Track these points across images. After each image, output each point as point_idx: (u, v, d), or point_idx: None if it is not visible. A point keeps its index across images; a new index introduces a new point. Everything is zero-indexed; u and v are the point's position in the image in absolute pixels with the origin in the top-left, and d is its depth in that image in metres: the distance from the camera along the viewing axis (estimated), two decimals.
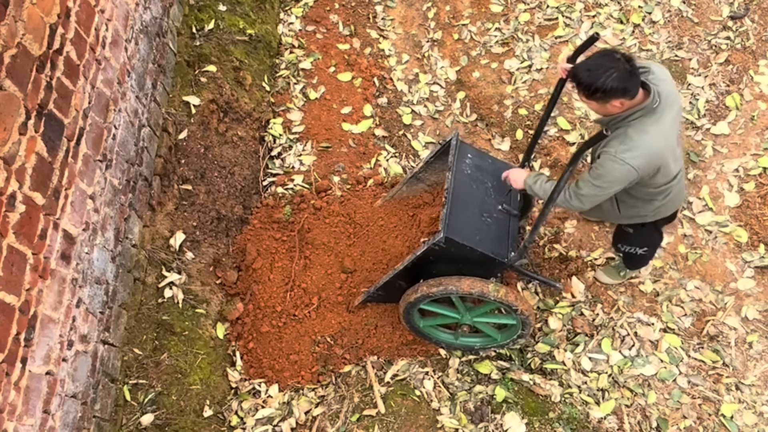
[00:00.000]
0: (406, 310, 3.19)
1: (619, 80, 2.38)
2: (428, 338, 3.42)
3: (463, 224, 3.01)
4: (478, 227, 3.06)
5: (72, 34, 2.53)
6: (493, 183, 3.26)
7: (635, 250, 3.33)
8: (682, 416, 3.24)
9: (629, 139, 2.53)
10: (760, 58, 4.38)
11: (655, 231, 3.24)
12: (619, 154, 2.53)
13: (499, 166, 3.36)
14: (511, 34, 4.81)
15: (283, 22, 4.87)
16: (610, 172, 2.57)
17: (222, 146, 3.85)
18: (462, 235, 2.94)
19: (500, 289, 2.93)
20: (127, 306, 3.06)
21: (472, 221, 3.07)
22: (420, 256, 3.02)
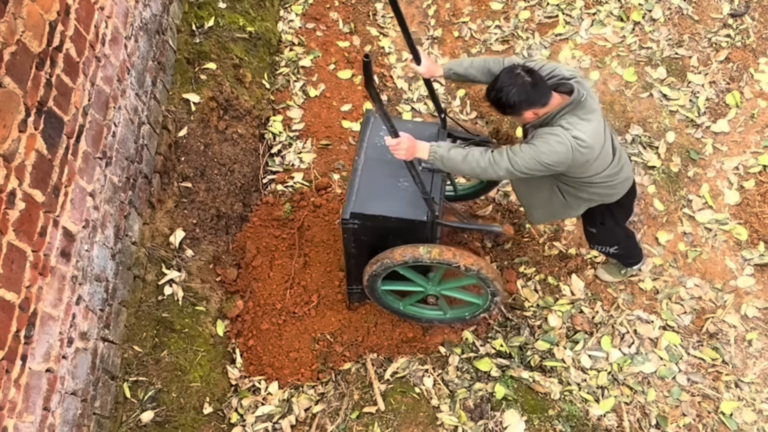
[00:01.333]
0: (373, 297, 3.18)
1: (519, 94, 2.51)
2: (420, 320, 3.40)
3: (374, 196, 2.93)
4: (392, 195, 2.94)
5: (72, 32, 2.53)
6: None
7: (607, 250, 3.38)
8: (681, 414, 3.24)
9: (569, 124, 2.59)
10: (760, 55, 4.38)
11: (616, 226, 3.25)
12: (562, 134, 2.57)
13: (420, 127, 3.23)
14: (511, 31, 4.81)
15: (283, 20, 4.87)
16: (555, 148, 2.58)
17: (222, 144, 3.85)
18: (370, 207, 2.86)
19: (432, 250, 2.84)
20: (127, 303, 3.06)
21: (386, 190, 2.96)
22: (351, 240, 3.01)
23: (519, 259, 3.85)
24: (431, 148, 2.71)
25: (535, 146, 2.60)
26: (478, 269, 2.92)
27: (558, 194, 3.00)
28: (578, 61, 4.54)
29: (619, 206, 3.10)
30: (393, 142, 2.64)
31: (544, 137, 2.59)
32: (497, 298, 3.18)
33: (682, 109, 4.28)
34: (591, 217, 3.20)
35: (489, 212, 4.03)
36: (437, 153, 2.70)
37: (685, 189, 4.02)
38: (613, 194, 2.99)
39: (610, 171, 2.83)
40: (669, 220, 3.93)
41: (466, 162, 2.69)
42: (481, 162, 2.67)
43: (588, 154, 2.63)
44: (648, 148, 4.15)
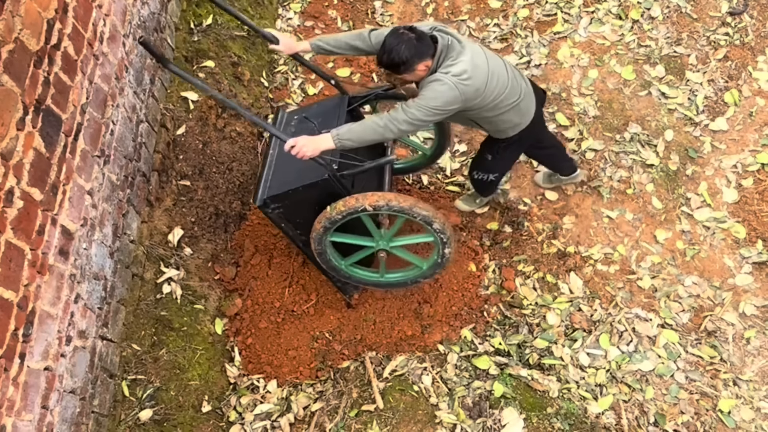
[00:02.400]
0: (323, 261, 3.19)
1: (409, 49, 2.70)
2: (356, 281, 3.36)
3: (281, 176, 3.06)
4: (297, 168, 3.03)
5: (70, 30, 2.53)
6: (319, 120, 3.15)
7: (487, 177, 3.53)
8: (679, 411, 3.25)
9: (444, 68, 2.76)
10: (758, 54, 4.38)
11: (511, 157, 3.48)
12: (444, 77, 2.73)
13: (324, 105, 3.34)
14: (509, 29, 4.81)
15: (281, 18, 4.86)
16: (441, 93, 2.73)
17: (220, 142, 3.84)
18: (278, 188, 2.98)
19: (337, 205, 2.87)
20: (126, 302, 3.06)
21: (292, 167, 3.06)
22: (284, 226, 3.11)
23: (517, 257, 3.85)
24: (333, 135, 2.78)
25: (423, 96, 2.75)
26: (424, 213, 2.91)
27: (475, 126, 3.20)
28: (577, 59, 4.54)
29: (520, 144, 3.32)
30: (290, 146, 2.78)
31: (428, 86, 2.76)
32: (446, 250, 3.13)
33: (680, 108, 4.28)
34: (494, 144, 3.34)
35: (487, 211, 4.03)
36: (340, 137, 2.78)
37: (684, 187, 4.02)
38: (525, 116, 3.15)
39: (510, 92, 2.99)
40: (667, 218, 3.94)
41: (369, 130, 2.79)
42: (381, 123, 2.78)
43: (474, 84, 2.78)
44: (646, 146, 4.16)
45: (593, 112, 4.31)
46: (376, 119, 2.79)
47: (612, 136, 4.22)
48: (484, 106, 2.94)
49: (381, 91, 3.33)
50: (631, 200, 4.01)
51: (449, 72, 2.74)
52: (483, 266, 3.79)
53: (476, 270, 3.76)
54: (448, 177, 4.21)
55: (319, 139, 2.77)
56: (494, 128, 3.17)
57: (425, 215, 2.93)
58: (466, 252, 3.82)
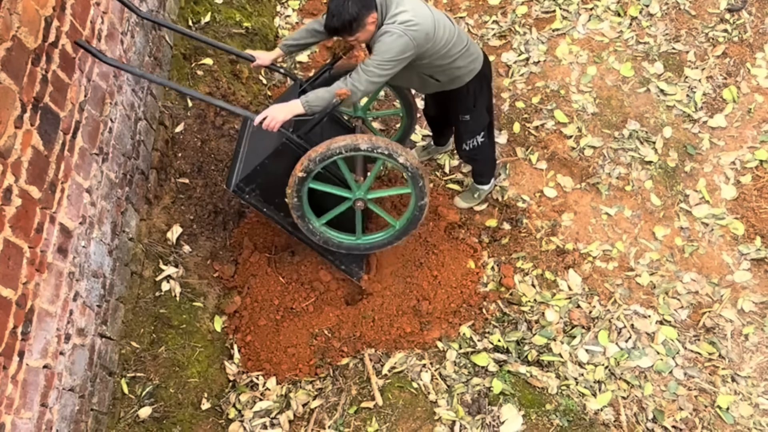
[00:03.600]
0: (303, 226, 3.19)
1: (355, 3, 2.75)
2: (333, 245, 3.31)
3: (249, 159, 3.13)
4: (261, 146, 3.11)
5: (67, 27, 2.52)
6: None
7: (476, 140, 3.55)
8: (678, 408, 3.26)
9: (390, 19, 2.84)
10: (757, 50, 4.38)
11: (483, 109, 3.48)
12: (392, 28, 2.81)
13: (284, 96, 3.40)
14: (508, 26, 4.80)
15: (279, 15, 4.86)
16: (393, 45, 2.81)
17: (219, 140, 3.84)
18: (246, 168, 3.05)
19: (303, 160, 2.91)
20: (125, 299, 3.06)
21: (257, 148, 3.14)
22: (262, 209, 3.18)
23: (516, 255, 3.85)
24: (301, 100, 2.87)
25: (376, 50, 2.83)
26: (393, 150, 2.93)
27: (429, 80, 3.24)
28: (575, 56, 4.54)
29: (480, 86, 3.35)
30: (261, 119, 2.86)
31: (379, 41, 2.83)
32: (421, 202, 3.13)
33: (679, 104, 4.28)
34: (464, 102, 3.37)
35: (485, 208, 4.03)
36: (308, 101, 2.87)
37: (682, 184, 4.03)
38: (476, 61, 3.24)
39: (457, 39, 3.09)
40: (666, 215, 3.94)
41: (332, 93, 2.88)
42: (344, 86, 2.87)
43: (423, 28, 2.85)
44: (645, 143, 4.16)
45: (592, 109, 4.31)
46: (339, 83, 2.89)
47: (610, 133, 4.22)
48: (436, 53, 3.02)
49: (328, 66, 3.35)
50: (630, 197, 4.01)
51: (395, 21, 2.82)
52: (482, 263, 3.80)
53: (475, 267, 3.76)
54: (447, 174, 4.21)
55: (288, 106, 2.88)
56: (450, 77, 3.22)
57: (394, 151, 2.95)
58: (464, 249, 3.82)
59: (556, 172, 4.15)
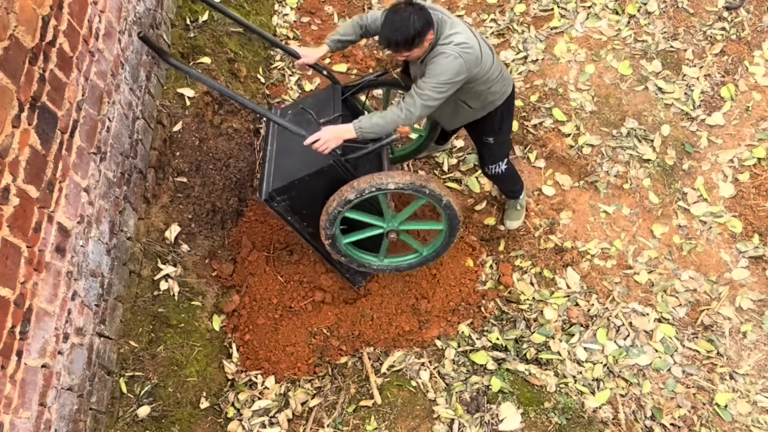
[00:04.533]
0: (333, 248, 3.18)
1: (419, 19, 2.70)
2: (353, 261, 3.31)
3: (284, 168, 3.05)
4: (299, 158, 3.02)
5: (65, 26, 2.52)
6: (316, 111, 3.12)
7: (501, 167, 3.50)
8: (676, 405, 3.26)
9: (445, 39, 2.79)
10: (755, 48, 4.38)
11: (508, 134, 3.45)
12: (447, 49, 2.77)
13: (318, 97, 3.31)
14: (506, 25, 4.80)
15: (277, 14, 4.85)
16: (448, 66, 2.77)
17: (217, 138, 3.84)
18: (283, 179, 2.97)
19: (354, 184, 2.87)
20: (123, 299, 3.06)
21: (293, 158, 3.06)
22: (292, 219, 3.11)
23: (515, 253, 3.85)
24: (354, 126, 2.82)
25: (431, 73, 2.78)
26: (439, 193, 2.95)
27: (464, 106, 3.18)
28: (574, 55, 4.54)
29: (508, 109, 3.32)
30: (312, 141, 2.81)
31: (434, 61, 2.78)
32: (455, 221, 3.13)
33: (677, 102, 4.29)
34: (490, 124, 3.32)
35: (484, 207, 4.03)
36: (362, 129, 2.83)
37: (680, 182, 4.03)
38: (508, 84, 3.23)
39: (496, 64, 3.08)
40: (664, 213, 3.94)
41: (390, 122, 2.83)
42: (400, 114, 2.82)
43: (474, 52, 2.82)
44: (643, 141, 4.16)
45: (590, 107, 4.31)
46: (394, 110, 2.84)
47: (609, 131, 4.23)
48: (480, 78, 2.98)
49: (373, 77, 3.33)
50: (628, 195, 4.02)
51: (451, 42, 2.76)
52: (480, 262, 3.80)
53: (473, 265, 3.76)
54: (445, 173, 4.21)
55: (340, 129, 2.83)
56: (484, 103, 3.17)
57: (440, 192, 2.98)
58: (463, 248, 3.82)
59: (555, 170, 4.15)
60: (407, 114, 2.82)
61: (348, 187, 2.89)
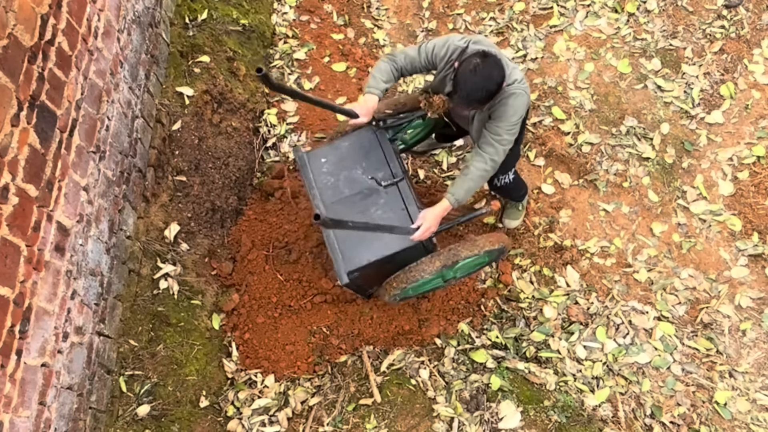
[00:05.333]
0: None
1: (499, 70, 2.63)
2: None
3: (358, 243, 2.86)
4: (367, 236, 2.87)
5: (64, 25, 2.51)
6: (363, 163, 2.94)
7: (508, 177, 3.42)
8: (676, 403, 3.26)
9: (513, 79, 2.77)
10: (754, 47, 4.38)
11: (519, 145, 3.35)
12: (514, 89, 2.76)
13: (357, 138, 3.05)
14: (505, 23, 4.80)
15: (276, 12, 4.85)
16: (519, 105, 2.78)
17: (216, 137, 3.84)
18: (361, 258, 2.84)
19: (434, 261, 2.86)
20: (123, 297, 3.06)
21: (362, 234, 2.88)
22: (359, 289, 3.05)
23: (514, 251, 3.85)
24: (451, 202, 2.86)
25: (503, 116, 2.78)
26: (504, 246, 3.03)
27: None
28: (573, 53, 4.54)
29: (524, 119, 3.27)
30: (420, 234, 2.78)
31: (506, 104, 2.77)
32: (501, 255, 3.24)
33: (676, 101, 4.28)
34: None
35: (483, 205, 4.03)
36: (459, 200, 2.87)
37: (680, 180, 4.03)
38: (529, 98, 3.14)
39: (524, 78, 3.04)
40: (663, 211, 3.94)
41: (479, 179, 2.88)
42: (486, 166, 2.86)
43: (526, 82, 2.85)
44: (642, 139, 4.16)
45: (589, 105, 4.31)
46: (478, 165, 2.86)
47: (608, 129, 4.22)
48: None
49: (415, 116, 3.28)
50: (628, 193, 4.02)
51: (514, 81, 2.75)
52: None
53: None
54: (444, 171, 4.21)
55: (439, 210, 2.84)
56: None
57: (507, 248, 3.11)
58: None
59: (554, 168, 4.15)
60: (492, 164, 2.85)
61: (431, 265, 2.86)
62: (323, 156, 2.98)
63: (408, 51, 2.93)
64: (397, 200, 2.93)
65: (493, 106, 2.79)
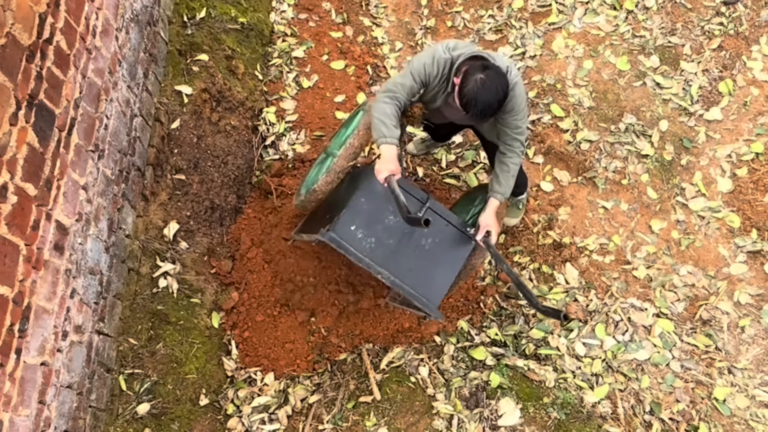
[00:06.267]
0: None
1: (503, 79, 2.64)
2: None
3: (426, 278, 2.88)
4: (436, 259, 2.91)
5: (62, 24, 2.51)
6: (389, 207, 2.84)
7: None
8: (675, 400, 3.27)
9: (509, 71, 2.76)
10: (753, 43, 4.38)
11: None
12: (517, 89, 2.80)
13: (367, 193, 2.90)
14: (504, 20, 4.80)
15: (275, 10, 4.84)
16: (522, 91, 2.84)
17: (215, 135, 3.84)
18: (442, 289, 2.92)
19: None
20: (122, 296, 3.06)
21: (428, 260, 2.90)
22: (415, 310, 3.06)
23: (513, 249, 3.86)
24: (498, 199, 3.00)
25: (516, 108, 2.84)
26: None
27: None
28: (572, 50, 4.54)
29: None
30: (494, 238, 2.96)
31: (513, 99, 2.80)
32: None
33: (675, 98, 4.29)
34: None
35: None
36: (506, 195, 3.02)
37: (678, 177, 4.03)
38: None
39: None
40: (662, 208, 3.95)
41: (515, 174, 2.99)
42: (520, 159, 2.98)
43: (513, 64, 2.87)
44: (641, 136, 4.16)
45: (588, 103, 4.31)
46: (515, 161, 2.97)
47: (607, 126, 4.23)
48: None
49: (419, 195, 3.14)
50: (626, 190, 4.02)
51: (512, 72, 2.78)
52: None
53: None
54: (444, 169, 4.21)
55: (494, 212, 2.97)
56: None
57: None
58: None
59: (553, 166, 4.15)
60: (522, 155, 2.99)
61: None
62: (350, 224, 2.83)
63: (402, 81, 2.83)
64: (438, 221, 2.94)
65: (506, 111, 2.85)
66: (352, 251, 2.76)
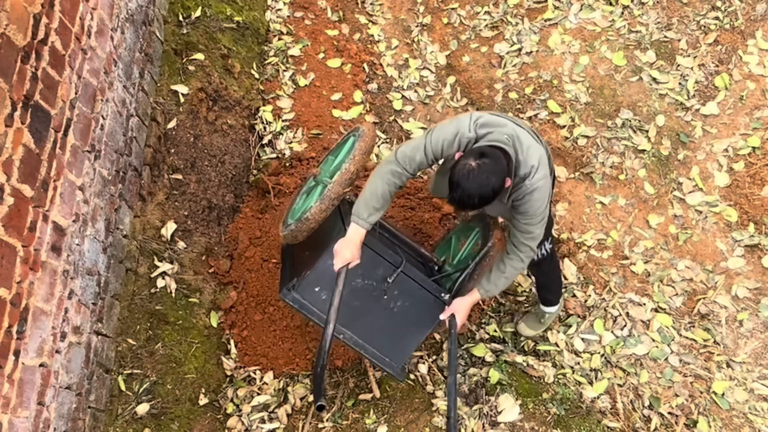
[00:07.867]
0: None
1: (497, 173, 2.32)
2: None
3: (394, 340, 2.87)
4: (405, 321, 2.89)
5: (56, 24, 2.51)
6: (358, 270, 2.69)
7: (545, 248, 3.07)
8: (674, 394, 3.28)
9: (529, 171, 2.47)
10: (748, 37, 4.39)
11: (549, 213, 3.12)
12: (535, 183, 2.48)
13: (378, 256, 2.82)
14: (500, 17, 4.79)
15: (270, 9, 4.84)
16: (543, 197, 2.52)
17: (212, 135, 3.83)
18: (407, 351, 2.93)
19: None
20: (120, 296, 3.06)
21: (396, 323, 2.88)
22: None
23: None
24: (481, 294, 2.79)
25: (531, 212, 2.53)
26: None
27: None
28: (568, 46, 4.54)
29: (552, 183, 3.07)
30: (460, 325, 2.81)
31: (527, 202, 2.51)
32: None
33: (671, 93, 4.29)
34: None
35: None
36: (489, 293, 2.78)
37: (675, 172, 4.04)
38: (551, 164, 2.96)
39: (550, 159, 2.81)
40: (660, 203, 3.95)
41: (512, 276, 2.74)
42: (522, 264, 2.70)
43: (545, 163, 2.55)
44: (638, 131, 4.17)
45: (585, 98, 4.31)
46: (515, 265, 2.69)
47: (604, 122, 4.23)
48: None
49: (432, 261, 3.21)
50: (624, 186, 4.02)
51: (536, 175, 2.46)
52: None
53: None
54: None
55: (469, 302, 2.82)
56: None
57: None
58: None
59: None
60: (528, 260, 2.69)
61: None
62: (314, 285, 2.75)
63: (412, 155, 2.57)
64: (410, 285, 2.84)
65: (516, 201, 2.54)
66: (315, 312, 2.72)
